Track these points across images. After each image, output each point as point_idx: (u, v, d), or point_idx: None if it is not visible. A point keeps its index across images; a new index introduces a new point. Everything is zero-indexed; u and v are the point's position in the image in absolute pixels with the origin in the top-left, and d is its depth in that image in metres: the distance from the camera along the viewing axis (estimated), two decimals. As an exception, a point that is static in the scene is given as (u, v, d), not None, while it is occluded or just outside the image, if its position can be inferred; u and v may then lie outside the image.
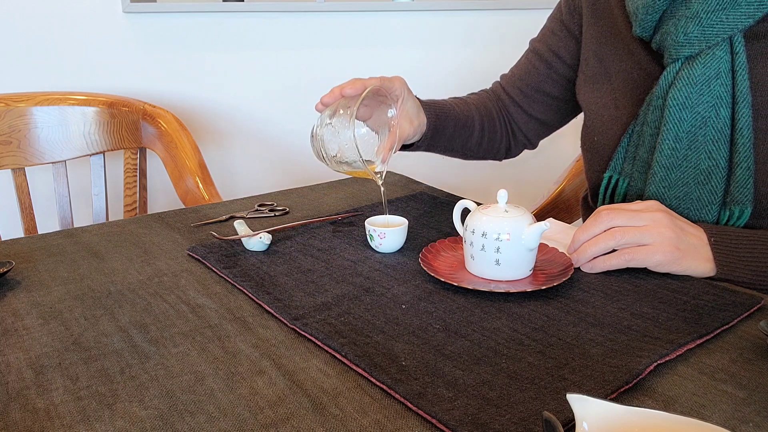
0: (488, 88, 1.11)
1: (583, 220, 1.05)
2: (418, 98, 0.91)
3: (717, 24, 0.74)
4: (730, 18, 0.73)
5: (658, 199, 0.80)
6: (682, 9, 0.76)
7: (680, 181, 0.79)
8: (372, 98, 0.83)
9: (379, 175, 0.80)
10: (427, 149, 0.96)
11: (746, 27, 0.74)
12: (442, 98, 1.02)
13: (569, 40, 0.98)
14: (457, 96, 1.07)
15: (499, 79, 1.10)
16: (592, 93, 0.93)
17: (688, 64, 0.76)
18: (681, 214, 0.79)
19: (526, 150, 1.13)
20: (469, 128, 1.01)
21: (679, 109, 0.77)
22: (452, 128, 0.97)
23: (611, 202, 0.88)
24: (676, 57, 0.77)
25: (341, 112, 0.78)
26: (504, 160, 1.13)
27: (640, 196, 0.83)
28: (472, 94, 1.09)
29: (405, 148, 0.94)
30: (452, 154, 1.03)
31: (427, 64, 1.86)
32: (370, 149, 0.85)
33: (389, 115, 0.84)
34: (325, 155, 0.79)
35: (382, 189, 0.82)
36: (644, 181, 0.83)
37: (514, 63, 1.08)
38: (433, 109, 0.93)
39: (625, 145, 0.85)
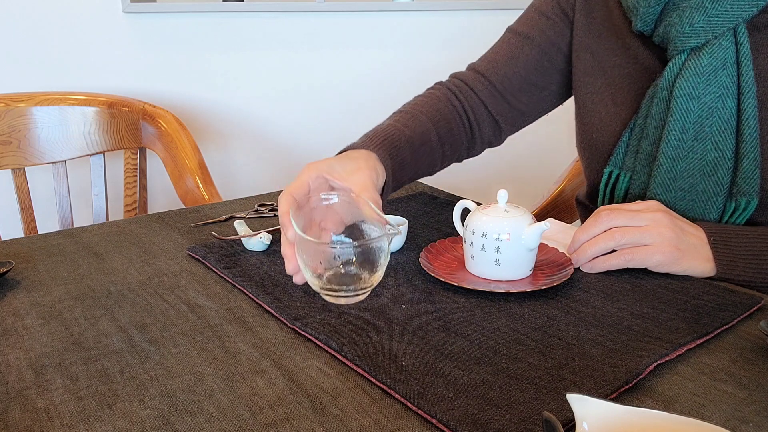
0: (444, 81, 0.98)
1: (582, 221, 1.05)
2: (351, 149, 0.75)
3: (722, 13, 0.74)
4: (734, 7, 0.74)
5: (663, 191, 0.80)
6: (685, 0, 0.77)
7: (686, 173, 0.78)
8: (314, 208, 0.67)
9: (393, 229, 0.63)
10: (395, 186, 0.81)
11: (750, 16, 0.74)
12: (383, 123, 0.85)
13: (565, 26, 0.93)
14: (400, 109, 0.90)
15: (465, 69, 0.98)
16: (585, 88, 0.91)
17: (695, 54, 0.76)
18: (686, 206, 0.79)
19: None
20: (428, 145, 0.86)
21: (687, 99, 0.76)
22: (410, 155, 0.82)
23: (612, 198, 0.88)
24: (681, 48, 0.77)
25: (318, 281, 0.63)
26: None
27: (644, 190, 0.83)
28: (418, 96, 0.95)
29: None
30: (419, 177, 0.89)
31: (426, 64, 1.86)
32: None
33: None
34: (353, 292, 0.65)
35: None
36: (648, 175, 0.82)
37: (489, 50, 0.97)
38: (382, 147, 0.76)
39: (627, 139, 0.84)
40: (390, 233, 0.61)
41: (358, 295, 0.64)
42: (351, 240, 0.64)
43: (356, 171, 0.68)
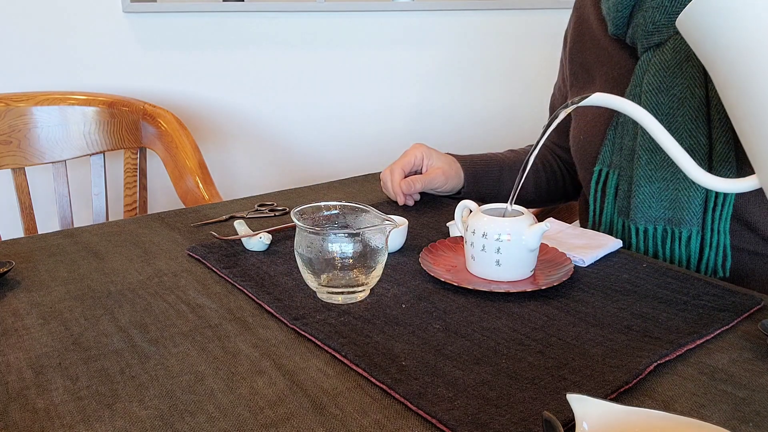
0: None
1: (581, 221, 1.06)
2: (455, 155, 1.01)
3: (681, 10, 0.77)
4: None
5: (647, 182, 0.82)
6: (648, 1, 0.81)
7: (665, 162, 0.81)
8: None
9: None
10: (476, 193, 1.02)
11: None
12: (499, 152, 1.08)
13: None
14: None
15: None
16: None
17: (660, 50, 0.80)
18: (670, 195, 0.81)
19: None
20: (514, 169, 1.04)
21: (655, 93, 0.80)
22: (498, 173, 1.03)
23: (603, 195, 0.91)
24: (647, 46, 0.82)
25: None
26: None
27: (630, 183, 0.85)
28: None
29: (454, 195, 1.01)
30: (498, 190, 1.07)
31: (426, 63, 1.86)
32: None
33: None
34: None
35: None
36: (632, 168, 0.84)
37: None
38: (470, 158, 1.02)
39: (612, 137, 0.88)
40: (386, 226, 0.63)
41: (356, 293, 0.65)
42: (347, 232, 0.63)
43: (446, 162, 0.97)
